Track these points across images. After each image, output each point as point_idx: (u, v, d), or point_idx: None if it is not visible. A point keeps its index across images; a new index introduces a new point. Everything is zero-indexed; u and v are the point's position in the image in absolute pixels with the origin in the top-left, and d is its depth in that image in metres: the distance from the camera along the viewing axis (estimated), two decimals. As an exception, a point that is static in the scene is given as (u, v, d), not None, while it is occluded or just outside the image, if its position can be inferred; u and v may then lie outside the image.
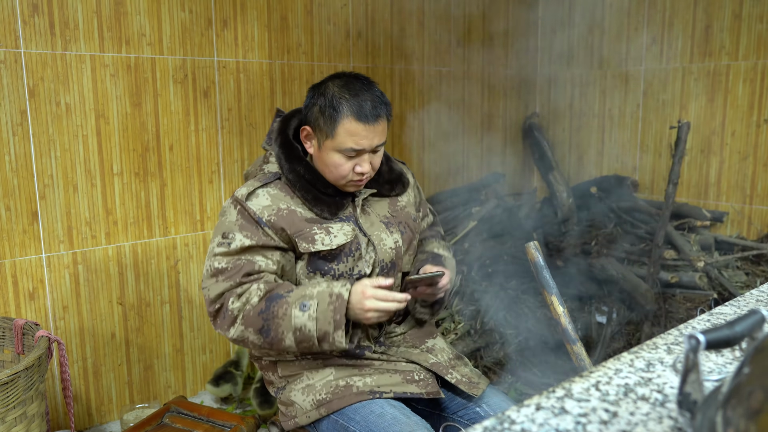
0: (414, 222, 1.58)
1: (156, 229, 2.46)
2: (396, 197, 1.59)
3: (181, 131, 2.47)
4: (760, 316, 0.66)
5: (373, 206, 1.54)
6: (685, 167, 3.15)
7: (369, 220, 1.50)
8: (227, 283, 1.35)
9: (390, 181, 1.57)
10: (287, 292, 1.34)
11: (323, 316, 1.29)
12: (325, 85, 1.40)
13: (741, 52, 2.92)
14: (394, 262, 1.50)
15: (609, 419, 0.68)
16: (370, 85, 1.41)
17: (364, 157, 1.40)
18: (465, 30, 3.40)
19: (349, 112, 1.35)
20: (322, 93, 1.39)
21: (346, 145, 1.36)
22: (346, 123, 1.35)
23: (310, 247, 1.39)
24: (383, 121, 1.39)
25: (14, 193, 2.13)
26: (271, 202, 1.41)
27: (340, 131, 1.36)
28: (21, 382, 1.66)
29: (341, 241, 1.40)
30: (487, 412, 1.42)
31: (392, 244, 1.49)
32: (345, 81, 1.40)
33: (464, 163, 3.54)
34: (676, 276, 2.55)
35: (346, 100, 1.36)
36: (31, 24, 2.10)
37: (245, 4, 2.57)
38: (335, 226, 1.43)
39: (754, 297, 1.12)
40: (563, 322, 1.61)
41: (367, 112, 1.35)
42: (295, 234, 1.39)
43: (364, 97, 1.36)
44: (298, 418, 1.39)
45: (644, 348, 0.88)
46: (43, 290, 2.22)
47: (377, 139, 1.39)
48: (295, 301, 1.31)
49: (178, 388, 2.60)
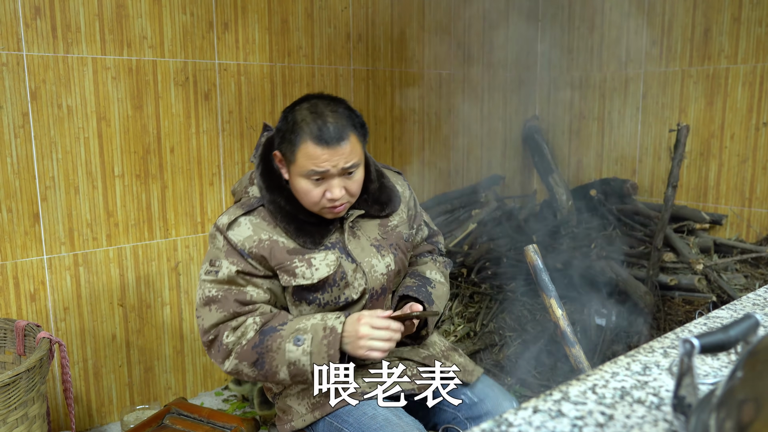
0: (406, 242, 1.53)
1: (157, 231, 2.47)
2: (387, 217, 1.52)
3: (182, 133, 2.48)
4: (754, 320, 0.67)
5: (362, 228, 1.48)
6: (685, 170, 3.16)
7: (359, 244, 1.45)
8: (221, 313, 1.35)
9: (380, 201, 1.50)
10: (281, 324, 1.33)
11: (317, 351, 1.28)
12: (293, 108, 1.35)
13: (740, 56, 2.93)
14: (384, 287, 1.46)
15: (605, 422, 0.69)
16: (337, 104, 1.34)
17: (332, 182, 1.32)
18: (465, 33, 3.41)
19: (308, 136, 1.29)
20: (286, 117, 1.34)
21: (307, 168, 1.30)
22: (303, 147, 1.29)
23: (291, 281, 1.36)
24: (349, 142, 1.31)
25: (16, 194, 2.14)
26: (253, 232, 1.37)
27: (299, 156, 1.30)
28: (22, 383, 1.66)
29: (323, 275, 1.37)
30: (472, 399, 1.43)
31: (384, 269, 1.45)
32: (311, 103, 1.34)
33: (464, 166, 3.55)
34: (675, 279, 2.56)
35: (306, 124, 1.30)
36: (33, 27, 2.11)
37: (246, 7, 2.58)
38: (318, 256, 1.38)
39: (751, 301, 1.13)
40: (562, 324, 1.62)
41: (326, 134, 1.28)
42: (276, 266, 1.37)
43: (326, 119, 1.29)
44: (294, 422, 1.40)
45: (641, 351, 0.89)
46: (44, 292, 2.23)
47: (343, 162, 1.31)
48: (289, 334, 1.30)
49: (179, 390, 2.61)
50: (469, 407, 1.43)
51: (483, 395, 1.44)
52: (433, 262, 1.65)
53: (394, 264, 1.47)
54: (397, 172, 1.62)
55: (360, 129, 1.35)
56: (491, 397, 1.43)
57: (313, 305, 1.40)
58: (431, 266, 1.62)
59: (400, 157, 3.23)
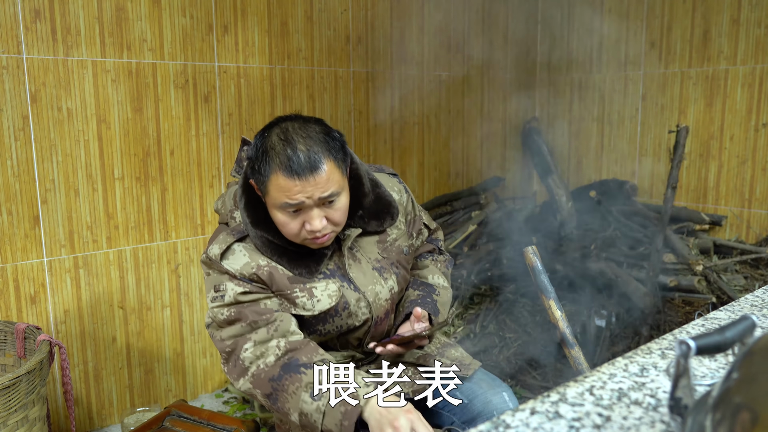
0: (406, 255, 1.46)
1: (157, 234, 2.47)
2: (385, 232, 1.43)
3: (182, 136, 2.48)
4: (750, 321, 0.67)
5: (362, 248, 1.40)
6: (684, 171, 3.16)
7: (360, 269, 1.37)
8: (238, 325, 1.27)
9: (377, 215, 1.40)
10: (305, 366, 1.21)
11: (331, 415, 1.16)
12: (267, 131, 1.23)
13: (739, 57, 2.93)
14: (388, 311, 1.41)
15: (602, 423, 0.69)
16: (310, 128, 1.22)
17: (311, 213, 1.22)
18: (464, 35, 3.41)
19: (277, 166, 1.18)
20: (256, 144, 1.23)
21: (280, 200, 1.20)
22: (273, 178, 1.19)
23: (291, 309, 1.30)
24: (325, 170, 1.19)
25: (16, 197, 2.14)
26: (250, 259, 1.29)
27: (270, 188, 1.20)
28: (23, 385, 1.67)
29: (324, 307, 1.30)
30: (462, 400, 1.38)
31: (387, 295, 1.39)
32: (281, 127, 1.22)
33: (464, 167, 3.55)
34: (675, 280, 2.56)
35: (275, 153, 1.18)
36: (33, 30, 2.12)
37: (246, 9, 2.59)
38: (319, 285, 1.31)
39: (749, 302, 1.13)
40: (561, 326, 1.62)
41: (297, 164, 1.16)
42: (277, 292, 1.30)
43: (296, 146, 1.18)
44: (293, 430, 1.41)
45: (638, 353, 0.89)
46: (44, 294, 2.24)
47: (319, 192, 1.19)
48: (309, 383, 1.19)
49: (179, 392, 2.61)
50: (460, 409, 1.40)
51: (471, 395, 1.39)
52: (434, 263, 1.60)
53: (396, 285, 1.41)
54: (391, 173, 1.54)
55: (338, 153, 1.23)
56: (479, 395, 1.38)
57: (314, 335, 1.35)
58: (433, 269, 1.57)
59: (400, 159, 3.23)
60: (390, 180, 1.50)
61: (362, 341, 1.43)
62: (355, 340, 1.42)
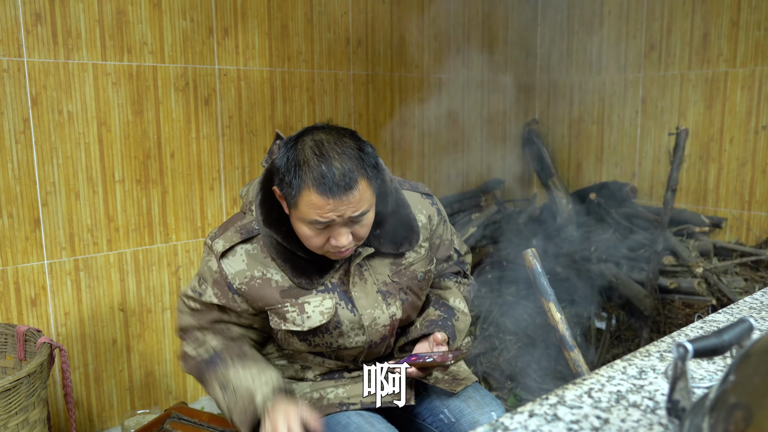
0: (421, 281, 1.39)
1: (157, 236, 2.47)
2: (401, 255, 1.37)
3: (182, 139, 2.49)
4: (747, 324, 0.67)
5: (372, 268, 1.34)
6: (684, 173, 3.16)
7: (364, 289, 1.32)
8: (194, 320, 1.36)
9: (394, 239, 1.34)
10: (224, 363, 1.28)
11: (236, 413, 1.25)
12: (299, 141, 1.19)
13: (739, 59, 2.93)
14: (385, 337, 1.36)
15: (600, 426, 0.69)
16: (345, 143, 1.17)
17: (338, 230, 1.19)
18: (465, 37, 3.42)
19: (311, 183, 1.13)
20: (287, 155, 1.18)
21: (310, 217, 1.16)
22: (306, 195, 1.14)
23: (281, 325, 1.29)
24: (359, 188, 1.15)
25: (17, 200, 2.15)
26: (246, 267, 1.28)
27: (300, 203, 1.16)
28: (23, 388, 1.67)
29: (314, 324, 1.27)
30: (449, 418, 1.36)
31: (387, 321, 1.33)
32: (316, 141, 1.17)
33: (464, 170, 3.55)
34: (675, 282, 2.56)
35: (308, 168, 1.13)
36: (34, 33, 2.12)
37: (246, 12, 2.60)
38: (313, 301, 1.28)
39: (748, 304, 1.13)
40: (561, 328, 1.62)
41: (331, 182, 1.12)
42: (266, 306, 1.30)
43: (332, 162, 1.13)
44: None
45: (637, 355, 0.89)
46: (45, 297, 2.24)
47: (351, 210, 1.16)
48: (221, 380, 1.28)
49: (179, 394, 2.61)
50: (448, 427, 1.37)
51: (459, 414, 1.35)
52: (458, 285, 1.55)
53: (400, 312, 1.35)
54: (425, 194, 1.46)
55: (372, 171, 1.19)
56: (467, 414, 1.34)
57: (304, 343, 1.34)
58: (455, 292, 1.51)
59: (400, 162, 3.24)
60: (422, 201, 1.43)
61: (357, 359, 1.41)
62: (349, 356, 1.40)
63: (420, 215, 1.40)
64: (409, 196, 1.41)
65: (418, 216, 1.40)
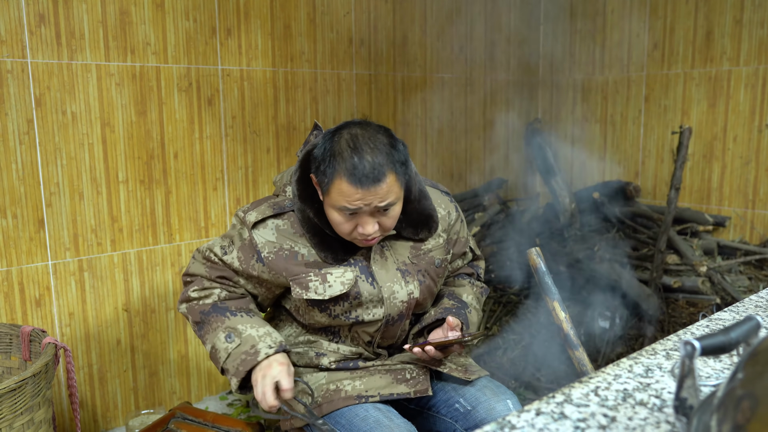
0: (438, 268, 1.48)
1: (161, 236, 2.48)
2: (421, 241, 1.46)
3: (185, 139, 2.49)
4: (755, 322, 0.67)
5: (393, 248, 1.44)
6: (688, 172, 3.15)
7: (385, 266, 1.41)
8: (205, 270, 1.45)
9: (415, 225, 1.43)
10: (232, 313, 1.40)
11: (234, 358, 1.35)
12: (336, 134, 1.29)
13: (742, 58, 2.93)
14: (403, 314, 1.43)
15: (608, 424, 0.69)
16: (378, 139, 1.27)
17: (366, 219, 1.29)
18: (467, 37, 3.42)
19: (343, 173, 1.24)
20: (324, 145, 1.29)
21: (340, 203, 1.26)
22: (337, 182, 1.25)
23: (303, 294, 1.37)
24: (387, 181, 1.25)
25: (21, 201, 2.15)
26: (276, 239, 1.38)
27: (332, 190, 1.26)
28: (28, 388, 1.67)
29: (335, 292, 1.35)
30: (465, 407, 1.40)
31: (405, 297, 1.41)
32: (352, 134, 1.27)
33: (467, 169, 3.55)
34: (679, 281, 2.56)
35: (342, 159, 1.24)
36: (38, 34, 2.13)
37: (249, 12, 2.60)
38: (336, 272, 1.37)
39: (753, 302, 1.13)
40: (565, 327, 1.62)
41: (362, 173, 1.22)
42: (290, 277, 1.38)
43: (364, 156, 1.23)
44: (293, 421, 1.42)
45: (643, 354, 0.89)
46: (49, 297, 2.24)
47: (378, 200, 1.26)
48: (228, 327, 1.38)
49: (183, 394, 2.62)
50: (464, 416, 1.40)
51: (475, 402, 1.40)
52: (471, 285, 1.61)
53: (418, 292, 1.43)
54: (444, 192, 1.57)
55: (401, 166, 1.29)
56: (483, 402, 1.39)
57: (324, 313, 1.40)
58: (468, 290, 1.58)
59: (403, 161, 3.23)
60: (441, 197, 1.54)
61: (373, 340, 1.45)
62: (366, 335, 1.44)
63: (439, 208, 1.51)
64: (430, 192, 1.52)
65: (437, 208, 1.50)
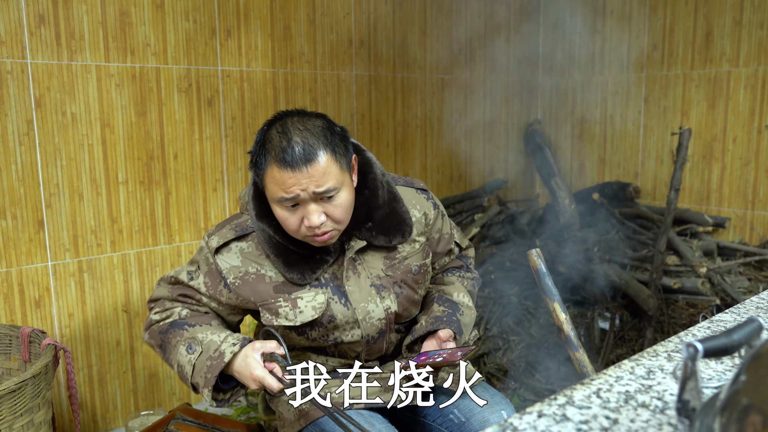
0: (416, 275, 1.41)
1: (161, 237, 2.48)
2: (394, 249, 1.38)
3: (185, 140, 2.49)
4: (757, 324, 0.67)
5: (365, 262, 1.36)
6: (687, 173, 3.16)
7: (357, 283, 1.33)
8: (168, 292, 1.39)
9: (386, 232, 1.34)
10: (191, 326, 1.33)
11: (199, 369, 1.27)
12: (268, 126, 1.24)
13: (742, 59, 2.93)
14: (383, 330, 1.37)
15: (610, 426, 0.69)
16: (309, 121, 1.21)
17: (308, 208, 1.20)
18: (467, 38, 3.42)
19: (272, 158, 1.17)
20: (258, 136, 1.24)
21: (277, 194, 1.19)
22: (269, 171, 1.19)
23: (273, 320, 1.31)
24: (321, 162, 1.17)
25: (20, 201, 2.15)
26: (241, 263, 1.32)
27: (267, 181, 1.20)
28: (28, 389, 1.67)
29: (306, 319, 1.29)
30: (459, 418, 1.35)
31: (382, 314, 1.35)
32: (282, 122, 1.22)
33: (466, 170, 3.55)
34: (678, 282, 2.56)
35: (271, 146, 1.18)
36: (38, 35, 2.13)
37: (249, 13, 2.60)
38: (306, 296, 1.30)
39: (755, 304, 1.13)
40: (565, 328, 1.62)
41: (291, 156, 1.15)
42: (259, 303, 1.32)
43: (293, 137, 1.17)
44: (285, 428, 1.41)
45: (645, 355, 0.89)
46: (49, 298, 2.24)
47: (314, 185, 1.17)
48: (187, 338, 1.30)
49: (183, 396, 2.61)
50: (458, 427, 1.36)
51: (469, 414, 1.35)
52: (461, 279, 1.55)
53: (395, 305, 1.37)
54: (421, 189, 1.47)
55: (338, 147, 1.21)
56: (477, 414, 1.34)
57: (302, 337, 1.36)
58: (459, 286, 1.51)
59: (403, 162, 3.24)
60: (416, 196, 1.44)
61: (360, 356, 1.41)
62: (351, 352, 1.40)
63: (414, 210, 1.41)
64: (404, 192, 1.42)
65: (411, 210, 1.41)
